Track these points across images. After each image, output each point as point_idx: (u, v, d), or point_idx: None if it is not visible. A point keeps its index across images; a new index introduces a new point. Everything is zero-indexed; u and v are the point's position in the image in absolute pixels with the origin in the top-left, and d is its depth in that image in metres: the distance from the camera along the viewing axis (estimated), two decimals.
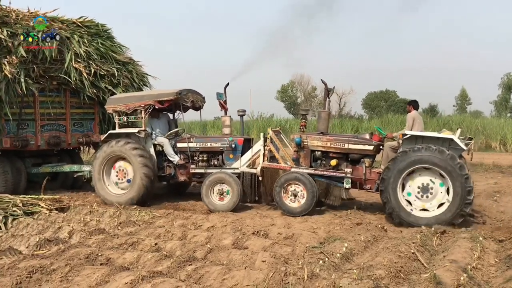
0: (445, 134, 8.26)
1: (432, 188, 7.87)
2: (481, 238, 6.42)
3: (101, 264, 5.52)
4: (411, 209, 7.91)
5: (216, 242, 6.42)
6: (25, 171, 11.61)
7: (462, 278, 4.62)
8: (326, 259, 5.44)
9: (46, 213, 8.54)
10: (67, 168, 11.88)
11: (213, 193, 9.41)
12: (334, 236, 6.76)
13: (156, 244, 6.29)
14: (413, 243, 6.08)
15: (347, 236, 6.76)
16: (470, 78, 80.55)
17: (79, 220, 8.03)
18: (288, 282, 4.68)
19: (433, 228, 7.09)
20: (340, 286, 4.43)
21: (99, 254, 5.79)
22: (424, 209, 7.91)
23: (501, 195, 11.05)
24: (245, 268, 5.19)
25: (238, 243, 6.36)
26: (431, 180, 7.86)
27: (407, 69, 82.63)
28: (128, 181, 10.07)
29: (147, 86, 13.41)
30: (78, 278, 4.97)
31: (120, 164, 10.18)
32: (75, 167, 11.84)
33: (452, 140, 7.89)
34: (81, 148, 13.60)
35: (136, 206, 9.47)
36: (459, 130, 8.40)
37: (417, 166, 7.84)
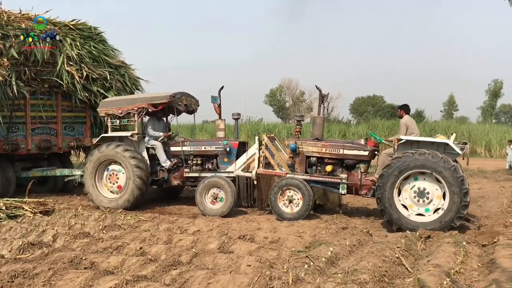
0: (440, 138, 8.28)
1: (428, 193, 7.87)
2: (464, 243, 6.48)
3: (85, 268, 5.47)
4: (409, 214, 7.89)
5: (202, 246, 6.40)
6: (14, 175, 11.40)
7: (445, 282, 4.66)
8: (311, 263, 5.45)
9: (30, 217, 8.43)
10: (57, 172, 11.73)
11: (207, 197, 9.32)
12: (319, 240, 6.77)
13: (141, 248, 6.26)
14: (398, 247, 6.11)
15: (332, 240, 6.78)
16: (458, 84, 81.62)
17: (63, 223, 7.94)
18: (273, 287, 4.68)
19: (417, 233, 7.14)
20: None
21: (83, 258, 5.74)
22: (420, 214, 7.91)
23: (485, 200, 11.16)
24: (230, 273, 5.19)
25: (224, 247, 6.35)
26: (427, 184, 7.87)
27: (394, 76, 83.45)
28: (120, 185, 9.94)
29: (139, 90, 13.32)
30: (61, 282, 4.92)
31: (113, 168, 10.07)
32: (66, 171, 11.67)
33: (447, 144, 7.93)
34: (71, 152, 13.42)
35: (122, 209, 9.40)
36: (454, 134, 8.44)
37: (411, 172, 7.85)
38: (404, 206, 7.99)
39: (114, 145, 9.93)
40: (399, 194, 8.01)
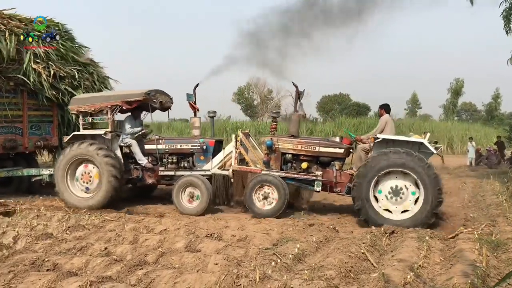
0: (415, 138, 8.38)
1: (402, 191, 7.99)
2: (427, 238, 6.64)
3: (47, 270, 5.33)
4: (384, 212, 7.98)
5: (169, 246, 6.34)
6: None
7: (408, 277, 4.76)
8: (278, 260, 5.47)
9: None
10: (24, 172, 11.31)
11: (183, 196, 9.25)
12: (286, 237, 6.80)
13: (106, 248, 6.14)
14: (363, 243, 6.21)
15: (299, 237, 6.82)
16: (421, 83, 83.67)
17: (25, 224, 7.71)
18: (240, 284, 4.67)
19: (382, 228, 7.27)
20: (291, 287, 4.46)
21: (46, 259, 5.58)
22: (397, 212, 8.01)
23: (447, 196, 11.43)
24: (197, 271, 5.15)
25: (191, 246, 6.30)
26: (402, 183, 8.00)
27: (360, 74, 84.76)
28: (93, 184, 9.72)
29: (108, 89, 13.05)
30: (22, 285, 4.78)
31: (85, 167, 9.80)
32: (33, 171, 11.27)
33: (422, 143, 8.05)
34: (37, 152, 12.99)
35: (85, 210, 9.19)
36: (428, 134, 8.57)
37: (387, 170, 7.93)
38: (380, 205, 8.07)
39: (87, 144, 9.65)
40: (375, 197, 8.07)
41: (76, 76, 11.90)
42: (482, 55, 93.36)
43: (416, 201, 7.94)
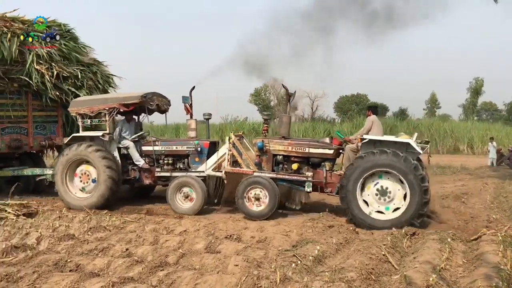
0: (402, 138, 8.40)
1: (390, 192, 7.99)
2: (449, 239, 6.55)
3: (70, 271, 5.41)
4: (370, 213, 8.01)
5: (189, 247, 6.37)
6: None
7: (431, 279, 4.71)
8: (299, 262, 5.46)
9: (13, 219, 8.30)
10: (29, 171, 11.57)
11: (178, 196, 9.40)
12: (306, 239, 6.78)
13: (127, 249, 6.20)
14: (384, 245, 6.16)
15: (319, 238, 6.80)
16: (440, 82, 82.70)
17: (47, 225, 7.84)
18: (261, 286, 4.68)
19: (403, 230, 7.20)
20: None
21: (68, 260, 5.67)
22: (382, 212, 8.03)
23: (468, 196, 11.31)
24: (217, 273, 5.18)
25: (211, 247, 6.33)
26: (389, 183, 8.00)
27: (378, 74, 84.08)
28: (93, 182, 9.91)
29: (113, 87, 13.22)
30: (46, 285, 4.87)
31: (83, 167, 10.02)
32: (37, 171, 11.52)
33: (408, 144, 8.05)
34: (44, 152, 13.24)
35: (106, 211, 9.30)
36: (416, 134, 8.64)
37: (373, 171, 7.95)
38: (367, 205, 8.10)
39: (86, 145, 9.87)
40: (362, 193, 8.11)
41: (79, 76, 12.02)
42: (502, 54, 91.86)
43: (402, 201, 7.90)
